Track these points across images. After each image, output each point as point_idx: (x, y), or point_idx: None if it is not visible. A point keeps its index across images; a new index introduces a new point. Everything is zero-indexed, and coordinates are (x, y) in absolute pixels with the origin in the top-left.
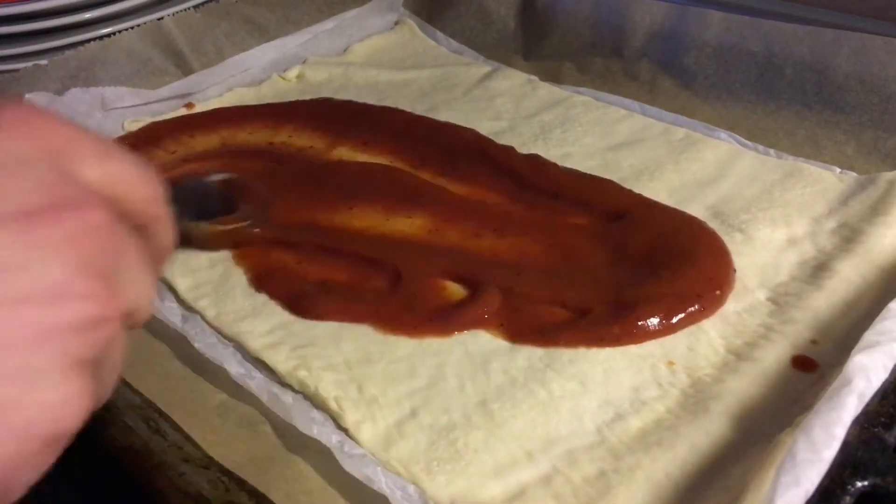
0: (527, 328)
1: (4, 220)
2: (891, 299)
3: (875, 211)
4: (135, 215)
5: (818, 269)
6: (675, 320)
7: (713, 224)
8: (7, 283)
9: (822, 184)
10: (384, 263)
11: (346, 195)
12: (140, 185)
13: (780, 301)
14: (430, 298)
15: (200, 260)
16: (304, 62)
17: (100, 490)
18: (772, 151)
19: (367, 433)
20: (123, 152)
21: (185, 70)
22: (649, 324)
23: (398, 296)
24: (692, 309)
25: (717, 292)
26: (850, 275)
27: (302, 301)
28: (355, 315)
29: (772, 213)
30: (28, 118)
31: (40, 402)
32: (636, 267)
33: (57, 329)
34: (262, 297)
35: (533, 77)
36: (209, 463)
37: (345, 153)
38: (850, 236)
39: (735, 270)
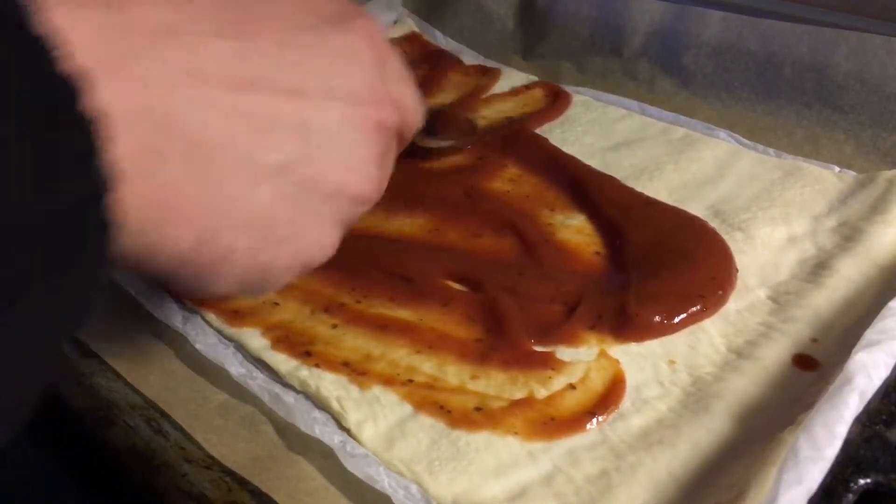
0: (529, 328)
1: (343, 97)
2: (891, 297)
3: (875, 209)
4: (398, 123)
5: (818, 268)
6: (677, 320)
7: (713, 223)
8: (330, 135)
9: (821, 183)
10: (390, 266)
11: None
12: (415, 114)
13: (781, 300)
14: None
15: None
16: None
17: (101, 490)
18: (771, 150)
19: (369, 433)
20: (414, 86)
21: None
22: (651, 323)
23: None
24: (694, 309)
25: (720, 292)
26: (850, 273)
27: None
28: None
29: (772, 212)
30: (372, 31)
31: (357, 185)
32: (638, 266)
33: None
34: (263, 298)
35: (532, 76)
36: (211, 463)
37: None
38: (849, 235)
39: (737, 270)
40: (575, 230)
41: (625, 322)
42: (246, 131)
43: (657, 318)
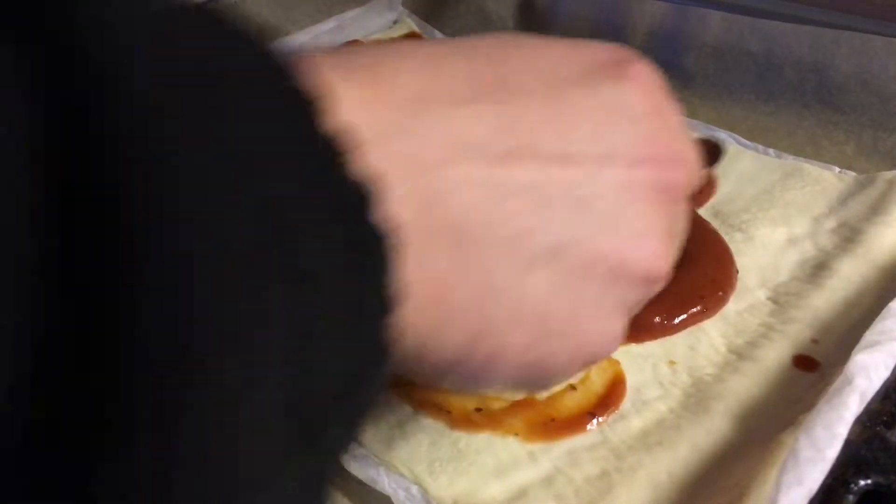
0: None
1: (622, 159)
2: (891, 298)
3: (875, 210)
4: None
5: (818, 269)
6: (677, 321)
7: (713, 223)
8: (611, 203)
9: (821, 183)
10: None
11: None
12: (696, 170)
13: (781, 300)
14: None
15: None
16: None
17: None
18: (771, 151)
19: (369, 434)
20: (690, 137)
21: None
22: (651, 324)
23: None
24: (695, 310)
25: (720, 293)
26: (850, 274)
27: None
28: None
29: (772, 212)
30: (646, 76)
31: (645, 262)
32: None
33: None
34: None
35: None
36: None
37: None
38: (850, 236)
39: (738, 271)
40: None
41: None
42: (514, 210)
43: (657, 319)
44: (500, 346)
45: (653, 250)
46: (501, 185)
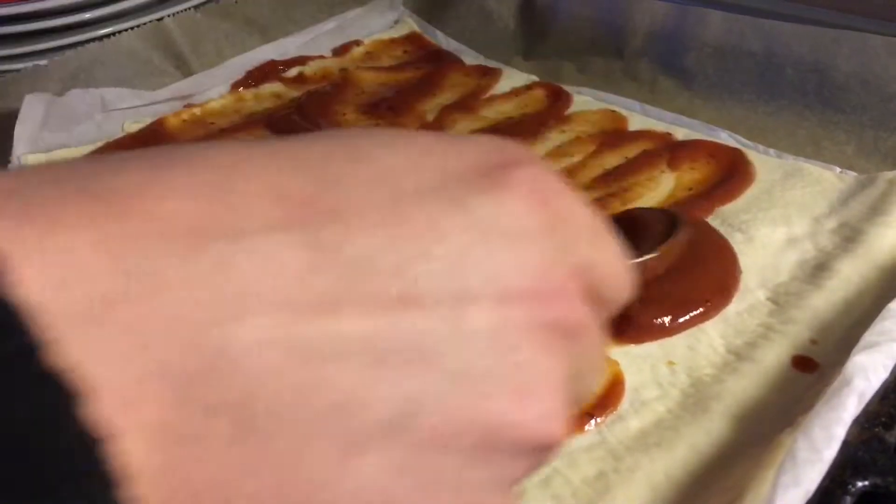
0: None
1: (490, 295)
2: (891, 299)
3: (875, 211)
4: (597, 298)
5: (818, 269)
6: (678, 322)
7: (713, 224)
8: (476, 354)
9: (822, 184)
10: None
11: None
12: (618, 273)
13: (780, 301)
14: None
15: None
16: (304, 63)
17: None
18: (772, 151)
19: None
20: (609, 230)
21: (185, 71)
22: (651, 325)
23: None
24: (697, 313)
25: (724, 297)
26: (850, 274)
27: None
28: None
29: (772, 212)
30: (538, 182)
31: (530, 424)
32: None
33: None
34: None
35: (532, 77)
36: None
37: None
38: (850, 236)
39: (741, 272)
40: None
41: (624, 323)
42: (331, 375)
43: (658, 321)
44: None
45: (539, 410)
46: (311, 344)
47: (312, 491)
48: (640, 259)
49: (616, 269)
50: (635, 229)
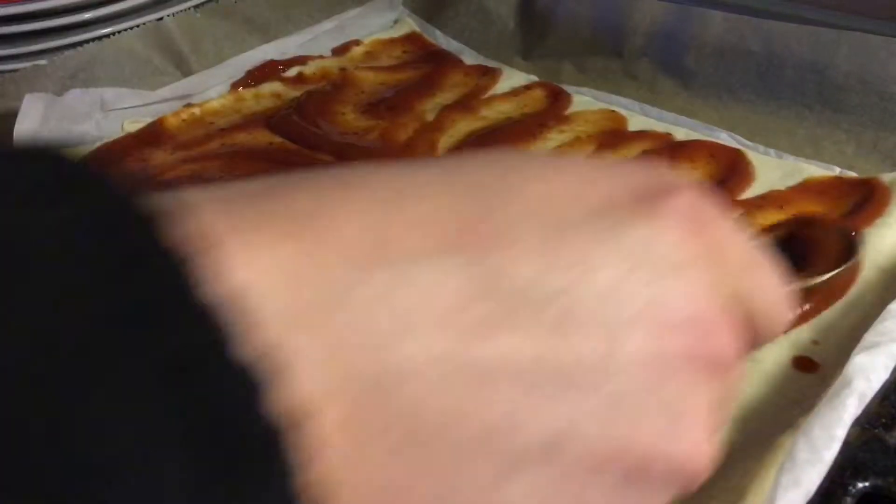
0: None
1: (646, 325)
2: (891, 300)
3: (874, 212)
4: (751, 330)
5: None
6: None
7: None
8: (630, 381)
9: (821, 184)
10: None
11: None
12: (774, 305)
13: None
14: None
15: None
16: (304, 62)
17: None
18: (772, 151)
19: None
20: (767, 258)
21: (185, 71)
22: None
23: None
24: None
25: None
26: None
27: None
28: None
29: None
30: (694, 210)
31: (676, 456)
32: None
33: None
34: None
35: (532, 77)
36: None
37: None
38: None
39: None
40: None
41: None
42: (491, 397)
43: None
44: None
45: (691, 441)
46: (473, 365)
47: (467, 499)
48: (803, 285)
49: (772, 300)
50: (806, 247)
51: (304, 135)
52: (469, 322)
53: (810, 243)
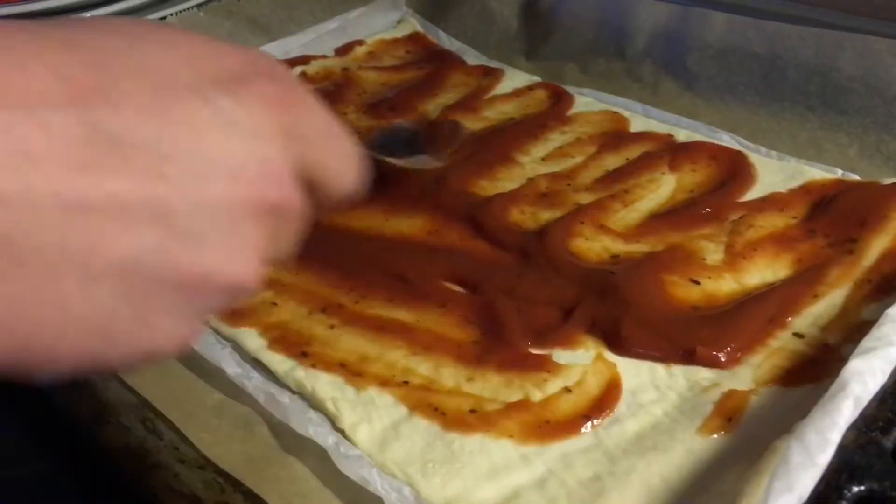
0: (526, 331)
1: (222, 176)
2: (889, 305)
3: (873, 216)
4: (318, 186)
5: (815, 274)
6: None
7: (712, 225)
8: (201, 220)
9: (822, 186)
10: (388, 267)
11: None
12: (339, 169)
13: None
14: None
15: None
16: (306, 62)
17: (94, 489)
18: (774, 153)
19: (364, 434)
20: (343, 131)
21: None
22: (640, 349)
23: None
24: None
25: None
26: (847, 279)
27: None
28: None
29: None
30: (281, 92)
31: (230, 275)
32: (641, 283)
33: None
34: (261, 298)
35: (535, 77)
36: (205, 463)
37: None
38: (848, 240)
39: None
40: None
41: (616, 339)
42: (80, 225)
43: (645, 350)
44: (49, 348)
45: (242, 264)
46: (71, 197)
47: (50, 304)
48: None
49: (339, 166)
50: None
51: None
52: (75, 162)
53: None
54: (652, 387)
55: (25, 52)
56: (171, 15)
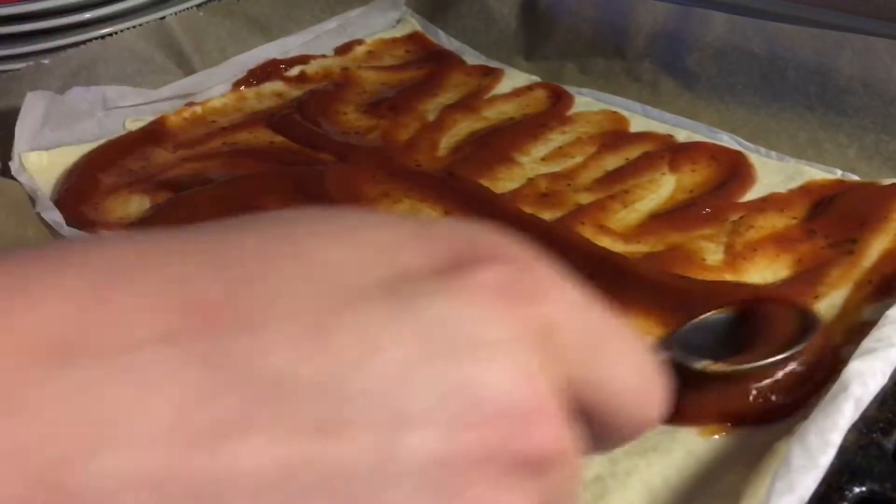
0: None
1: (435, 422)
2: (889, 306)
3: (873, 216)
4: (596, 419)
5: (816, 275)
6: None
7: (710, 227)
8: (406, 496)
9: (822, 187)
10: None
11: (349, 197)
12: (632, 390)
13: None
14: None
15: None
16: (306, 62)
17: None
18: (773, 154)
19: None
20: (627, 329)
21: (187, 70)
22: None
23: None
24: None
25: None
26: (847, 280)
27: None
28: None
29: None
30: (515, 278)
31: None
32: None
33: None
34: None
35: (534, 77)
36: None
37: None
38: (848, 241)
39: None
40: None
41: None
42: None
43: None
44: None
45: None
46: (197, 483)
47: None
48: (737, 368)
49: (628, 388)
50: (761, 326)
51: (306, 134)
52: (195, 428)
53: (765, 321)
54: None
55: (120, 274)
56: (171, 14)
